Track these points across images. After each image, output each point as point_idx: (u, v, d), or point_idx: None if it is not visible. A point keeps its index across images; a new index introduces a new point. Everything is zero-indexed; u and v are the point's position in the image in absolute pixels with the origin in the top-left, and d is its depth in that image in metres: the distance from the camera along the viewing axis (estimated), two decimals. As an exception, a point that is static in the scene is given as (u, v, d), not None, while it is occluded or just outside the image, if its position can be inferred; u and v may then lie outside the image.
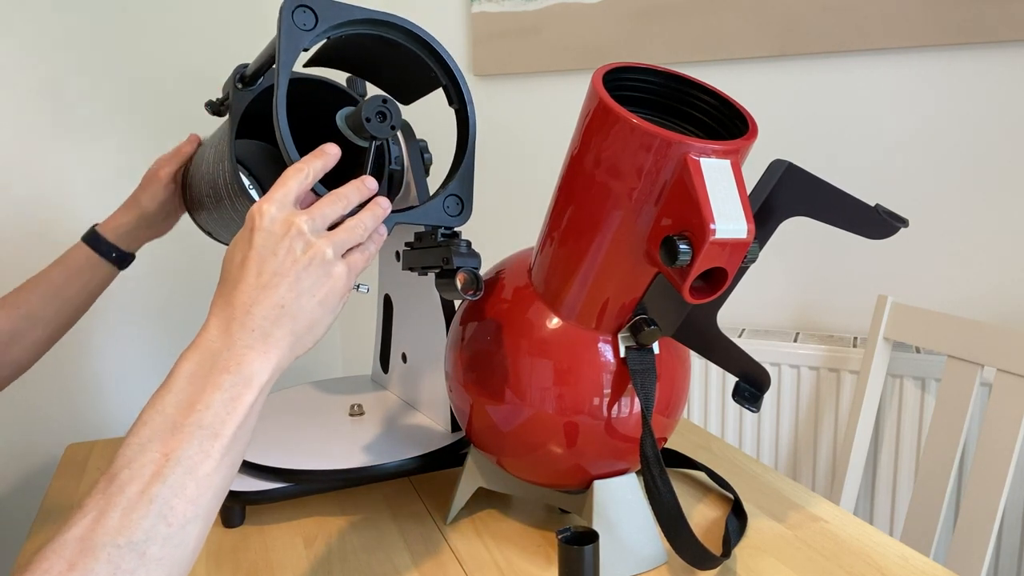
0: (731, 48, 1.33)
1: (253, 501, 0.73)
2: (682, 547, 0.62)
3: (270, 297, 0.48)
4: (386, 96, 0.56)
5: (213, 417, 0.44)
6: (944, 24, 1.19)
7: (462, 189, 0.62)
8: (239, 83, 0.73)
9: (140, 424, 0.45)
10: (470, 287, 0.59)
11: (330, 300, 0.50)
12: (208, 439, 0.44)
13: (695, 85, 0.57)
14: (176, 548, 0.42)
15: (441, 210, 0.61)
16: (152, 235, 0.91)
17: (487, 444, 0.67)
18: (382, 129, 0.56)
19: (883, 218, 0.58)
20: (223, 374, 0.46)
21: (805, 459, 1.29)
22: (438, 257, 0.60)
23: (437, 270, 0.61)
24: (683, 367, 0.67)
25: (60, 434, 1.35)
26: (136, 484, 0.42)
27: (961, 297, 1.27)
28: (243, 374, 0.46)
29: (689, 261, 0.49)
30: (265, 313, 0.48)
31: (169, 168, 0.88)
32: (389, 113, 0.56)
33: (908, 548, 0.67)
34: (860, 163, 1.30)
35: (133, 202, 0.88)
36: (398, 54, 0.63)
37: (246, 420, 0.46)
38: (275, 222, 0.49)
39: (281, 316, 0.48)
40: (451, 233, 0.62)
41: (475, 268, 0.60)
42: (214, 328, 0.48)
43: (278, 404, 0.91)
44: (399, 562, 0.68)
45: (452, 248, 0.59)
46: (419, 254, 0.63)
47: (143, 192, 0.88)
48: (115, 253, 0.88)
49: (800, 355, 1.27)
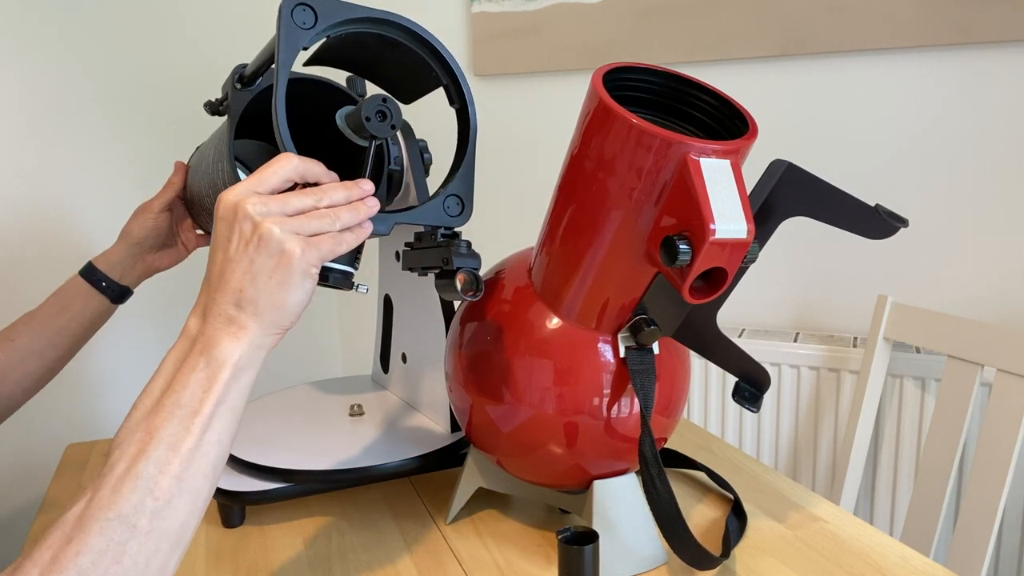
0: (731, 48, 1.33)
1: (253, 501, 0.73)
2: (681, 547, 0.62)
3: (228, 283, 0.49)
4: (386, 95, 0.55)
5: (190, 396, 0.47)
6: (944, 24, 1.19)
7: (462, 189, 0.61)
8: (238, 83, 0.73)
9: (133, 408, 0.48)
10: (470, 288, 0.59)
11: (289, 280, 0.49)
12: (187, 417, 0.46)
13: (695, 85, 0.57)
14: (164, 521, 0.45)
15: (441, 210, 0.60)
16: (147, 267, 0.91)
17: (487, 444, 0.67)
18: (382, 128, 0.56)
19: (883, 218, 0.58)
20: (198, 357, 0.48)
21: (805, 459, 1.29)
22: (438, 258, 0.60)
23: (437, 271, 0.61)
24: (683, 367, 0.67)
25: (60, 434, 1.35)
26: (124, 462, 0.45)
27: (961, 297, 1.27)
28: (215, 356, 0.48)
29: (689, 261, 0.49)
30: (227, 299, 0.49)
31: (160, 199, 0.88)
32: (389, 112, 0.56)
33: (908, 548, 0.67)
34: (860, 163, 1.30)
35: (124, 233, 0.89)
36: (398, 53, 0.62)
37: (225, 397, 0.48)
38: (228, 208, 0.50)
39: (241, 301, 0.49)
40: (451, 233, 0.61)
41: (475, 269, 0.59)
42: (193, 316, 0.50)
43: (278, 404, 0.91)
44: (399, 562, 0.68)
45: (452, 249, 0.59)
46: (419, 254, 0.63)
47: (133, 222, 0.88)
48: (106, 283, 0.87)
49: (800, 355, 1.27)
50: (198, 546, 0.72)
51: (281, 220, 0.49)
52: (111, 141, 1.37)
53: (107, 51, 1.35)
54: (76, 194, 1.33)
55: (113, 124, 1.37)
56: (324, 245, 0.50)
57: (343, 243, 0.52)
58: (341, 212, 0.52)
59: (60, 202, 1.32)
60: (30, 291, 1.29)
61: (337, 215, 0.51)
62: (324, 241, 0.50)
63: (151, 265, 0.91)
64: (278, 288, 0.49)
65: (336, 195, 0.52)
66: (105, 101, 1.36)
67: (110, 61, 1.35)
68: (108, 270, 0.88)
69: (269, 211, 0.49)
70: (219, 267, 0.50)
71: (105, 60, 1.35)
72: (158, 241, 0.90)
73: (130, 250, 0.88)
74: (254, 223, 0.49)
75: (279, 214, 0.49)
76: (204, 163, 0.80)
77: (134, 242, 0.88)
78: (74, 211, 1.33)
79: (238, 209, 0.49)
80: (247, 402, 0.58)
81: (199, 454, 0.46)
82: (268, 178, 0.51)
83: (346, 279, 0.56)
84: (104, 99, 1.35)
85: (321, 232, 0.51)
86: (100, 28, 1.34)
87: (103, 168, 1.36)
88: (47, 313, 0.86)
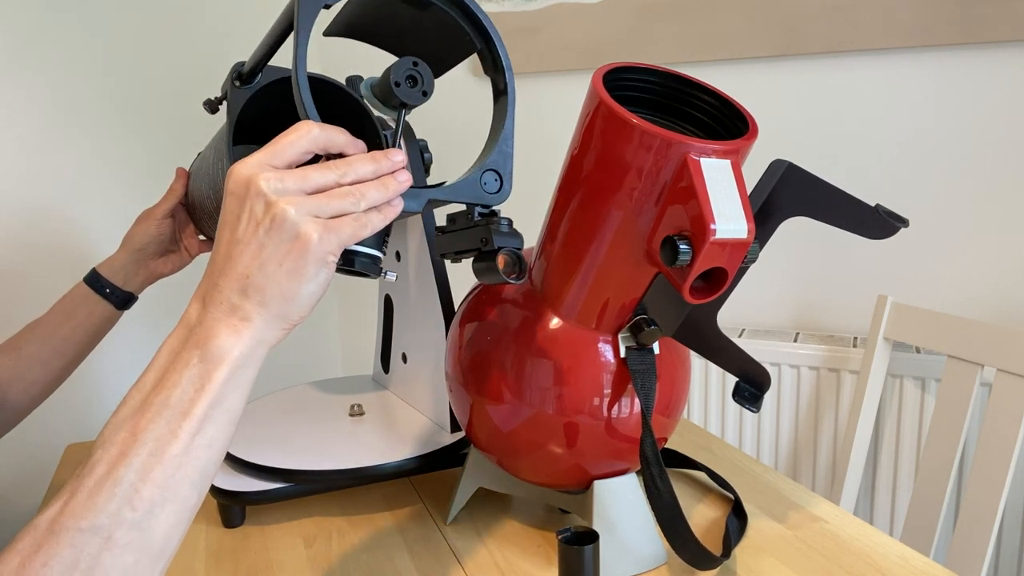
0: (731, 48, 1.33)
1: (253, 501, 0.73)
2: (682, 547, 0.62)
3: (234, 267, 0.44)
4: (416, 59, 0.50)
5: (181, 395, 0.42)
6: (944, 24, 1.19)
7: (500, 163, 0.55)
8: (236, 81, 0.72)
9: (122, 403, 0.43)
10: (513, 270, 0.53)
11: (302, 269, 0.43)
12: (176, 418, 0.42)
13: (695, 85, 0.57)
14: (144, 533, 0.40)
15: (478, 186, 0.54)
16: (150, 273, 0.91)
17: (487, 444, 0.67)
18: (413, 95, 0.50)
19: (883, 218, 0.58)
20: (193, 350, 0.43)
21: (805, 459, 1.29)
22: (475, 239, 0.54)
23: (475, 253, 0.55)
24: (683, 367, 0.67)
25: (60, 434, 1.35)
26: (103, 465, 0.41)
27: (961, 297, 1.27)
28: (211, 349, 0.43)
29: (689, 261, 0.49)
30: (231, 285, 0.44)
31: (163, 206, 0.88)
32: (420, 77, 0.50)
33: (908, 548, 0.67)
34: (860, 163, 1.30)
35: (128, 240, 0.89)
36: (427, 17, 0.56)
37: (220, 399, 0.43)
38: (239, 182, 0.44)
39: (247, 288, 0.43)
40: (489, 212, 0.55)
41: (518, 249, 0.53)
42: (194, 302, 0.45)
43: (278, 404, 0.91)
44: (399, 562, 0.68)
45: (492, 228, 0.53)
46: (452, 237, 0.57)
47: (136, 228, 0.89)
48: (109, 289, 0.87)
49: (800, 355, 1.27)
50: (198, 546, 0.72)
51: (298, 200, 0.43)
52: (113, 145, 1.36)
53: (110, 55, 1.35)
54: (78, 199, 1.33)
55: (116, 129, 1.37)
56: (345, 229, 0.44)
57: (368, 226, 0.45)
58: (368, 189, 0.46)
59: (62, 207, 1.32)
60: (32, 295, 1.29)
61: (363, 193, 0.45)
62: (346, 224, 0.44)
63: (154, 271, 0.91)
64: (289, 277, 0.43)
65: (363, 169, 0.46)
66: (108, 106, 1.35)
67: (112, 64, 1.35)
68: (112, 276, 0.88)
69: (285, 188, 0.43)
70: (225, 248, 0.44)
71: (107, 63, 1.35)
72: (161, 247, 0.90)
73: (133, 256, 0.88)
74: (267, 202, 0.43)
75: (296, 192, 0.44)
76: (205, 165, 0.80)
77: (137, 248, 0.88)
78: (77, 216, 1.33)
79: (250, 184, 0.43)
80: (247, 402, 0.53)
81: (187, 460, 0.42)
82: (284, 149, 0.45)
83: (374, 264, 0.51)
84: (107, 103, 1.35)
85: (343, 213, 0.45)
86: (101, 29, 1.34)
87: (105, 173, 1.36)
88: (52, 321, 0.86)
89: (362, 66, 1.26)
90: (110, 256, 0.89)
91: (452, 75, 1.53)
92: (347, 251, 0.50)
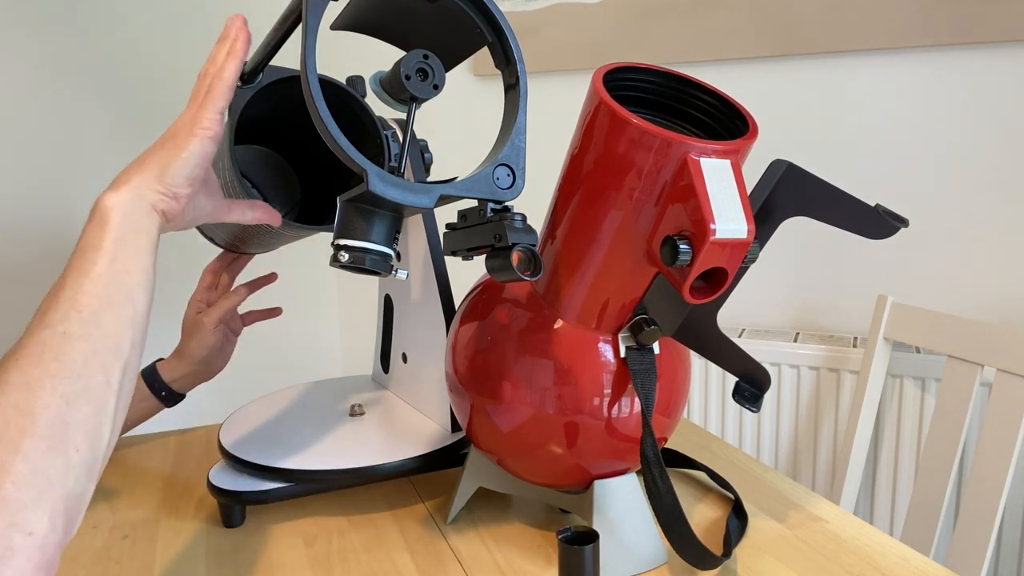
0: (731, 48, 1.33)
1: (253, 501, 0.73)
2: (682, 547, 0.62)
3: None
4: (427, 51, 0.49)
5: (86, 242, 0.50)
6: (944, 24, 1.19)
7: (513, 157, 0.54)
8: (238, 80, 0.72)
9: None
10: (528, 267, 0.52)
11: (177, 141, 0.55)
12: (88, 252, 0.49)
13: (695, 85, 0.57)
14: (97, 328, 0.47)
15: (491, 181, 0.53)
16: (211, 375, 0.92)
17: (487, 444, 0.67)
18: (424, 88, 0.50)
19: (883, 218, 0.58)
20: (87, 224, 0.51)
21: (805, 459, 1.29)
22: (489, 235, 0.53)
23: (487, 250, 0.54)
24: (683, 367, 0.67)
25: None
26: (34, 325, 0.47)
27: (961, 297, 1.27)
28: (98, 210, 0.51)
29: (689, 261, 0.49)
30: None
31: (215, 314, 0.88)
32: (431, 70, 0.50)
33: (908, 548, 0.67)
34: (860, 163, 1.30)
35: (185, 352, 0.89)
36: (436, 11, 0.56)
37: (122, 235, 0.50)
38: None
39: (130, 166, 0.54)
40: (502, 208, 0.54)
41: (533, 245, 0.52)
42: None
43: (278, 404, 0.91)
44: (399, 562, 0.68)
45: (506, 224, 0.52)
46: (464, 234, 0.56)
47: (190, 340, 0.89)
48: (165, 392, 0.89)
49: (800, 355, 1.27)
50: (198, 546, 0.72)
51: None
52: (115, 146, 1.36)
53: (111, 55, 1.35)
54: (80, 202, 1.33)
55: (117, 129, 1.37)
56: (207, 95, 0.57)
57: (222, 79, 0.57)
58: (217, 59, 0.59)
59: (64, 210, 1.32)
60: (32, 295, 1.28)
61: (215, 62, 0.58)
62: (204, 92, 0.57)
63: (213, 371, 0.92)
64: (167, 148, 0.54)
65: (218, 54, 0.60)
66: (110, 106, 1.35)
67: (114, 65, 1.35)
68: (171, 382, 0.89)
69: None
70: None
71: (108, 64, 1.35)
72: (223, 353, 0.91)
73: (193, 367, 0.89)
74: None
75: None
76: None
77: (196, 360, 0.89)
78: (77, 218, 1.33)
79: None
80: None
81: (102, 282, 0.48)
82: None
83: (384, 261, 0.51)
84: (108, 103, 1.35)
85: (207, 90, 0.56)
86: (103, 30, 1.34)
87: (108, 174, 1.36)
88: None
89: (358, 64, 1.26)
90: (169, 360, 0.90)
91: (452, 74, 1.53)
92: (358, 249, 0.50)
